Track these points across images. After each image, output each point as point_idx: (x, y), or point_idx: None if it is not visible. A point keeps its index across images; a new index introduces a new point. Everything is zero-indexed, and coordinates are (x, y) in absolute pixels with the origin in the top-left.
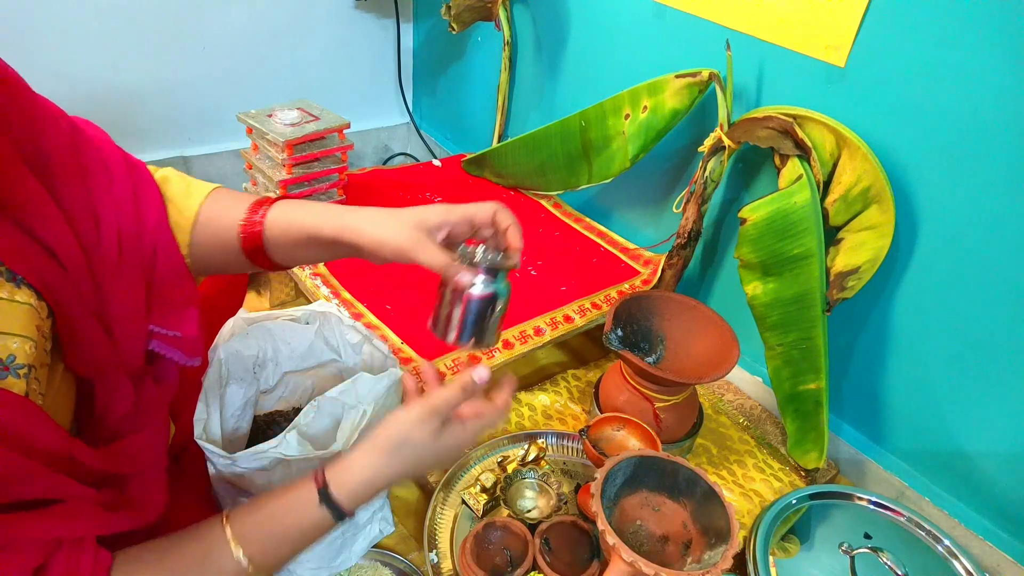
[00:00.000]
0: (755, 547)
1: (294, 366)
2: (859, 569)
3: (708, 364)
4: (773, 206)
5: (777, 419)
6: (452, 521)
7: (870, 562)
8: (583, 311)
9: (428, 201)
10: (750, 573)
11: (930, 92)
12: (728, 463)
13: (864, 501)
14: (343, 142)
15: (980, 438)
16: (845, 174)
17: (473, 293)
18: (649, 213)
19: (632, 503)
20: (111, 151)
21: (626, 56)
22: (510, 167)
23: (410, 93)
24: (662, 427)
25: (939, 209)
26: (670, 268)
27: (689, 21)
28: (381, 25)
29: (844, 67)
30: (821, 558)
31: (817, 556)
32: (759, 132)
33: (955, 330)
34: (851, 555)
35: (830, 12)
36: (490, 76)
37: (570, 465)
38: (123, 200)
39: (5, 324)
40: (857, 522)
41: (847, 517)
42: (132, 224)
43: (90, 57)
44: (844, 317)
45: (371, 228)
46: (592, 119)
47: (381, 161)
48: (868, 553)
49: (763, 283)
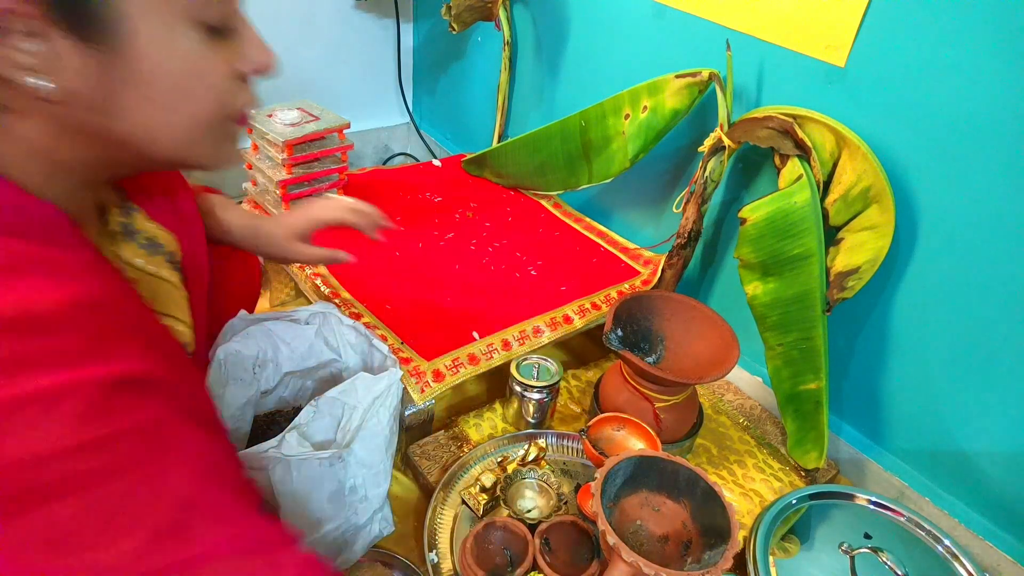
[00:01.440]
0: (755, 547)
1: (294, 366)
2: (859, 569)
3: (708, 364)
4: (773, 206)
5: (777, 419)
6: (452, 521)
7: (870, 562)
8: (583, 311)
9: (428, 201)
10: (750, 573)
11: (930, 92)
12: (728, 463)
13: (864, 501)
14: (343, 142)
15: (980, 438)
16: (845, 174)
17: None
18: (649, 213)
19: (632, 503)
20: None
21: (626, 56)
22: (510, 167)
23: (410, 93)
24: (662, 427)
25: (939, 209)
26: (670, 268)
27: (689, 21)
28: (381, 25)
29: (844, 67)
30: (821, 558)
31: (817, 556)
32: (759, 132)
33: (955, 330)
34: (851, 555)
35: (830, 12)
36: (490, 76)
37: (570, 465)
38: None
39: (175, 309)
40: (857, 522)
41: (847, 517)
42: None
43: None
44: (844, 317)
45: (267, 228)
46: (592, 119)
47: (381, 161)
48: (868, 553)
49: (763, 283)
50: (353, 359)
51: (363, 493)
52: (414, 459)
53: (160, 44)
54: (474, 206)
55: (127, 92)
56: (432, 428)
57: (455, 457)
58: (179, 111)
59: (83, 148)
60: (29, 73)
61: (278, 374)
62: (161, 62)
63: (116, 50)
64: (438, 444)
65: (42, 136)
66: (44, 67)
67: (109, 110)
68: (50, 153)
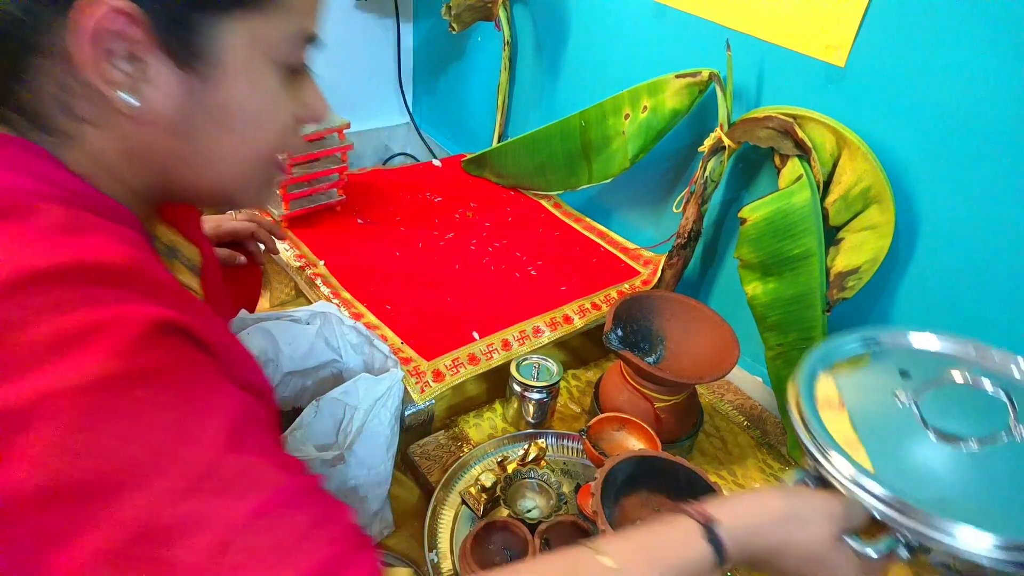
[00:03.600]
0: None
1: (294, 366)
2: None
3: (708, 364)
4: (773, 206)
5: (777, 419)
6: (452, 521)
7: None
8: (583, 311)
9: (428, 201)
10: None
11: (931, 92)
12: (728, 463)
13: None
14: (343, 142)
15: None
16: (845, 174)
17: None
18: (649, 213)
19: (632, 503)
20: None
21: (626, 56)
22: (510, 167)
23: (410, 93)
24: (662, 427)
25: (940, 209)
26: (670, 268)
27: (689, 21)
28: (381, 25)
29: (844, 67)
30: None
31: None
32: (759, 132)
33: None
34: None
35: (830, 12)
36: (490, 76)
37: (570, 465)
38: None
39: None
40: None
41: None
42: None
43: None
44: (844, 317)
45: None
46: (592, 119)
47: (381, 161)
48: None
49: (763, 283)
50: (354, 359)
51: (363, 494)
52: (414, 459)
53: (248, 78)
54: (474, 206)
55: (207, 118)
56: (432, 428)
57: (455, 457)
58: (249, 142)
59: (143, 171)
60: (121, 88)
61: (278, 374)
62: (247, 95)
63: (207, 78)
64: (438, 444)
65: (111, 152)
66: (137, 86)
67: (184, 133)
68: (113, 170)
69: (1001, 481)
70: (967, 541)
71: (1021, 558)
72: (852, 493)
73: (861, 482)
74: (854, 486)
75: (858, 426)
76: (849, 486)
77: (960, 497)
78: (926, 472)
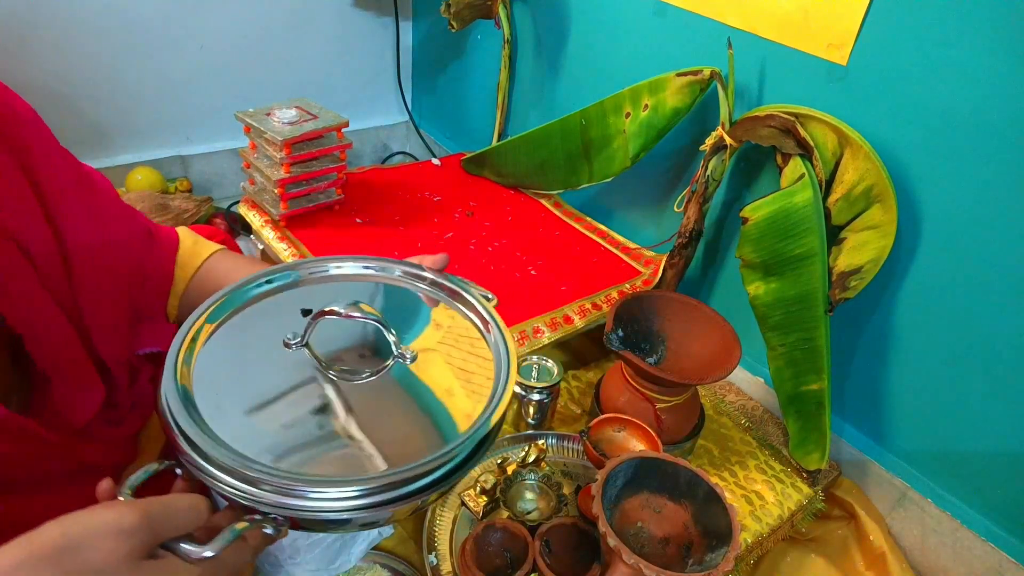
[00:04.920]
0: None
1: None
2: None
3: (710, 365)
4: (775, 205)
5: (779, 420)
6: (451, 523)
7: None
8: (583, 311)
9: (428, 200)
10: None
11: (933, 91)
12: (730, 464)
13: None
14: (342, 141)
15: (983, 439)
16: (847, 173)
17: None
18: (650, 212)
19: (633, 505)
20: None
21: (627, 54)
22: (510, 166)
23: (409, 91)
24: (663, 428)
25: (942, 208)
26: (671, 268)
27: (690, 19)
28: (380, 23)
29: (846, 65)
30: None
31: None
32: (761, 131)
33: (958, 330)
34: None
35: (832, 10)
36: (490, 74)
37: (571, 466)
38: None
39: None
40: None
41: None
42: (125, 254)
43: (88, 57)
44: (846, 317)
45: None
46: (593, 118)
47: (380, 160)
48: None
49: (765, 283)
50: None
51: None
52: None
53: None
54: (474, 205)
55: None
56: None
57: None
58: None
59: None
60: None
61: None
62: None
63: None
64: None
65: None
66: None
67: None
68: None
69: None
70: (328, 502)
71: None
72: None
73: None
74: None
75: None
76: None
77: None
78: (277, 430)
